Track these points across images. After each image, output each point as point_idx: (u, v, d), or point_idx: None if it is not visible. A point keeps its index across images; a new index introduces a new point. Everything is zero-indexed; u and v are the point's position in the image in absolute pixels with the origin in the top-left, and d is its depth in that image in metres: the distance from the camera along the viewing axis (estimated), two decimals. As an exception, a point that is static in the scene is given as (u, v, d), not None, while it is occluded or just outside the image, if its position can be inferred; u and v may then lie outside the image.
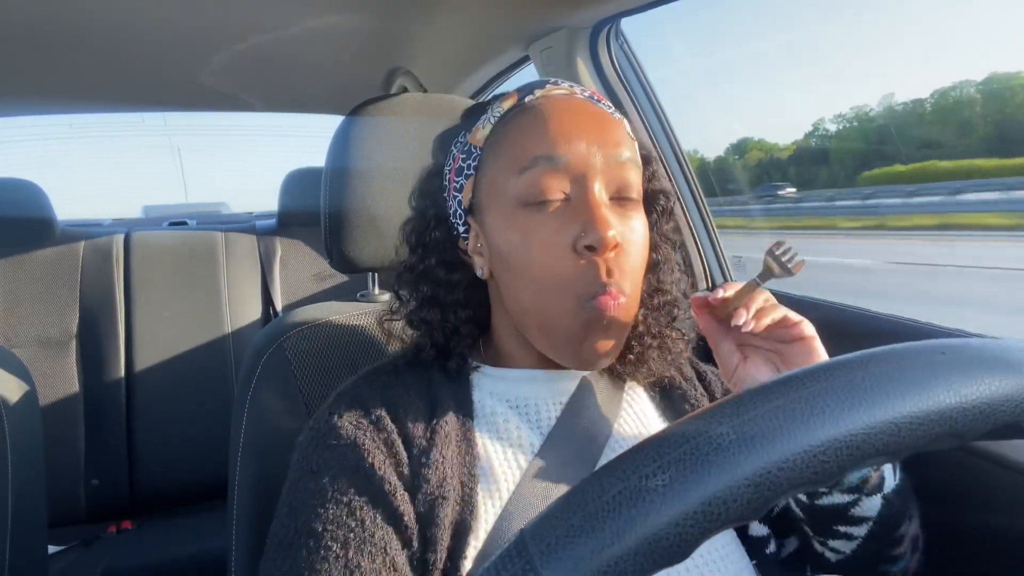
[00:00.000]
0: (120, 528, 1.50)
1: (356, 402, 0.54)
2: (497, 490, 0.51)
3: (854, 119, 5.61)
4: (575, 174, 0.51)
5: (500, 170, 0.54)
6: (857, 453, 0.25)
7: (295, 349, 0.71)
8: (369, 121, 0.76)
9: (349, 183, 0.74)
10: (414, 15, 1.17)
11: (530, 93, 0.56)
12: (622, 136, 0.54)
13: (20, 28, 1.06)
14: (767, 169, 6.17)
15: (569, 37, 1.12)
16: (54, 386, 1.50)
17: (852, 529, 0.52)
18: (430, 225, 0.59)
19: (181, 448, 1.56)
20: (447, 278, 0.58)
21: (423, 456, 0.51)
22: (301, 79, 1.56)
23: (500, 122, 0.56)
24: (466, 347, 0.59)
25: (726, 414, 0.26)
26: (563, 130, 0.52)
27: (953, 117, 4.83)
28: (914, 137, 4.85)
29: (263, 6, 1.08)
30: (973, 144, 4.52)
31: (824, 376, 0.27)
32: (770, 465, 0.24)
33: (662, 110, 1.18)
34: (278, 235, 1.79)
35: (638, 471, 0.25)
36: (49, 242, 1.60)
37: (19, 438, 0.81)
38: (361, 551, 0.45)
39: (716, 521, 0.24)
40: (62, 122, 6.01)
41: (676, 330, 0.61)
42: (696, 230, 1.17)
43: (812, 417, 0.25)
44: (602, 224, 0.49)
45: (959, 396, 0.26)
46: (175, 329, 1.62)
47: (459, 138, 0.59)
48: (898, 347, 0.28)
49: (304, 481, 0.50)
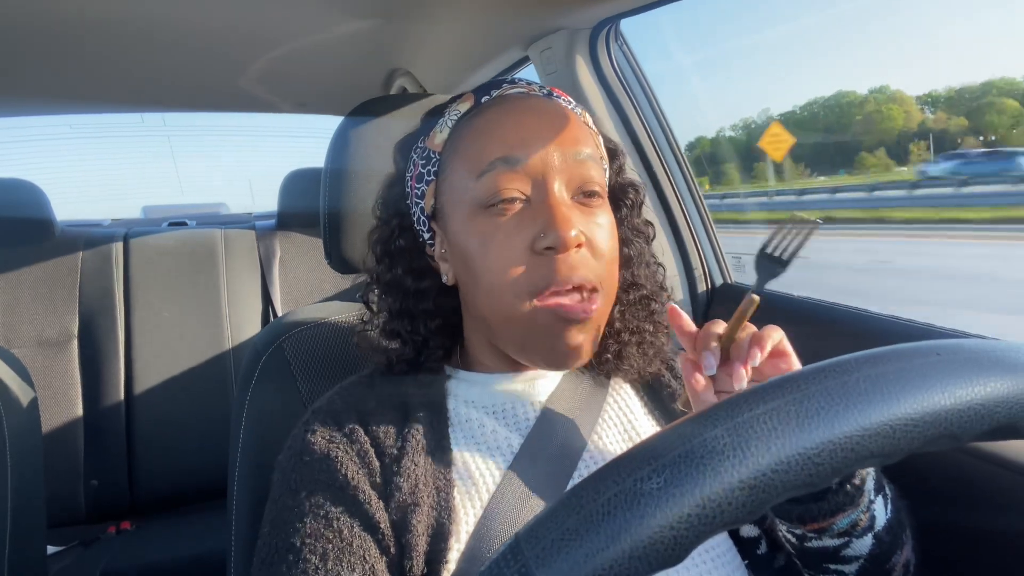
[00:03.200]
0: (119, 528, 1.49)
1: (329, 417, 0.54)
2: (476, 492, 0.51)
3: (742, 128, 6.94)
4: (534, 174, 0.51)
5: (459, 174, 0.53)
6: (852, 455, 0.25)
7: (295, 349, 0.71)
8: (369, 122, 0.76)
9: (348, 184, 0.74)
10: (414, 16, 1.17)
11: (487, 94, 0.56)
12: (581, 133, 0.54)
13: (20, 29, 1.06)
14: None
15: (569, 38, 1.12)
16: (53, 386, 1.50)
17: (844, 567, 0.51)
18: (395, 234, 0.59)
19: (181, 448, 1.56)
20: (416, 286, 0.58)
21: (394, 464, 0.51)
22: (301, 80, 1.56)
23: (457, 125, 0.55)
24: (436, 359, 0.59)
25: (720, 417, 0.26)
26: (520, 131, 0.52)
27: (802, 129, 6.52)
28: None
29: (262, 7, 1.08)
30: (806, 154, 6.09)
31: (818, 378, 0.26)
32: (765, 468, 0.24)
33: (661, 111, 1.18)
34: (278, 235, 1.79)
35: (633, 474, 0.25)
36: (48, 242, 1.60)
37: (18, 439, 0.81)
38: (340, 561, 0.46)
39: (711, 524, 0.24)
40: (62, 123, 6.00)
41: (656, 323, 0.60)
42: (695, 230, 1.17)
43: (807, 419, 0.25)
44: (562, 224, 0.49)
45: (954, 398, 0.26)
46: (175, 330, 1.62)
47: (418, 143, 0.59)
48: (893, 348, 0.28)
49: (284, 499, 0.50)
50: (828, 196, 5.81)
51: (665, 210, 1.16)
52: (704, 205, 1.18)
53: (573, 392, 0.58)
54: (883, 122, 6.26)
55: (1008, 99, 4.77)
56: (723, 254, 1.18)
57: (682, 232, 1.16)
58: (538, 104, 0.54)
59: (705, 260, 1.17)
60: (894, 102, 6.26)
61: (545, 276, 0.49)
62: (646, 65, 1.17)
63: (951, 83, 9.20)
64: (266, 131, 8.86)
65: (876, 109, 6.30)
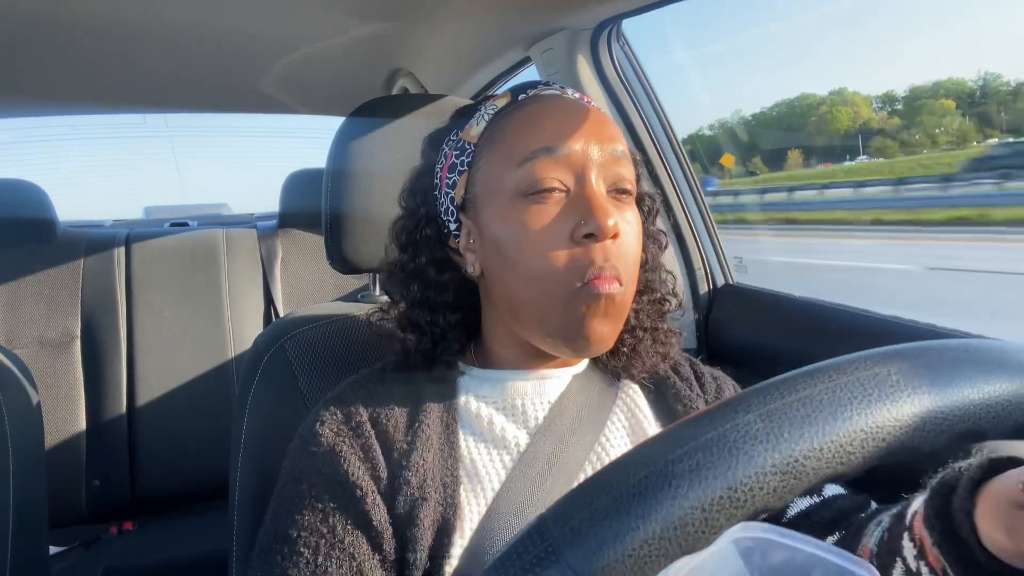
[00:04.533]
0: (121, 529, 1.50)
1: (339, 409, 0.55)
2: (482, 490, 0.52)
3: (719, 127, 7.27)
4: (574, 166, 0.52)
5: (497, 164, 0.54)
6: (883, 446, 0.25)
7: (296, 349, 0.71)
8: (370, 122, 0.76)
9: (350, 184, 0.74)
10: (416, 17, 1.17)
11: (523, 92, 0.57)
12: (615, 132, 0.56)
13: (22, 30, 1.07)
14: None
15: (570, 38, 1.12)
16: (55, 387, 1.50)
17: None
18: (420, 223, 0.60)
19: (182, 448, 1.56)
20: (437, 278, 0.59)
21: (403, 460, 0.52)
22: (303, 80, 1.56)
23: (495, 118, 0.56)
24: (452, 353, 0.59)
25: (753, 403, 0.26)
26: (561, 125, 0.53)
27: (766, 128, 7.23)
28: (742, 145, 6.43)
29: (265, 9, 1.08)
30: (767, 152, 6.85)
31: (850, 369, 0.27)
32: (797, 454, 0.24)
33: (663, 111, 1.18)
34: (279, 236, 1.79)
35: (664, 456, 0.25)
36: (50, 243, 1.60)
37: (20, 439, 0.81)
38: (329, 557, 0.47)
39: (742, 508, 0.24)
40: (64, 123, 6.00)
41: (668, 326, 0.62)
42: (697, 230, 1.17)
43: (839, 408, 0.25)
44: (602, 213, 0.50)
45: (983, 393, 0.26)
46: (176, 330, 1.62)
47: (451, 136, 0.60)
48: (924, 344, 0.28)
49: (287, 487, 0.52)
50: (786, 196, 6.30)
51: (667, 210, 1.16)
52: (706, 205, 1.18)
53: (583, 392, 0.58)
54: (832, 123, 6.77)
55: (947, 100, 5.02)
56: (725, 254, 1.18)
57: (684, 232, 1.16)
58: (573, 104, 0.56)
59: (707, 260, 1.17)
60: (845, 104, 6.80)
61: (586, 262, 0.51)
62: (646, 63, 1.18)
63: (916, 83, 9.99)
64: (268, 132, 8.86)
65: (828, 111, 6.85)
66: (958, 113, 4.89)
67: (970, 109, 4.82)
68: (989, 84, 4.77)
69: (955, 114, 4.90)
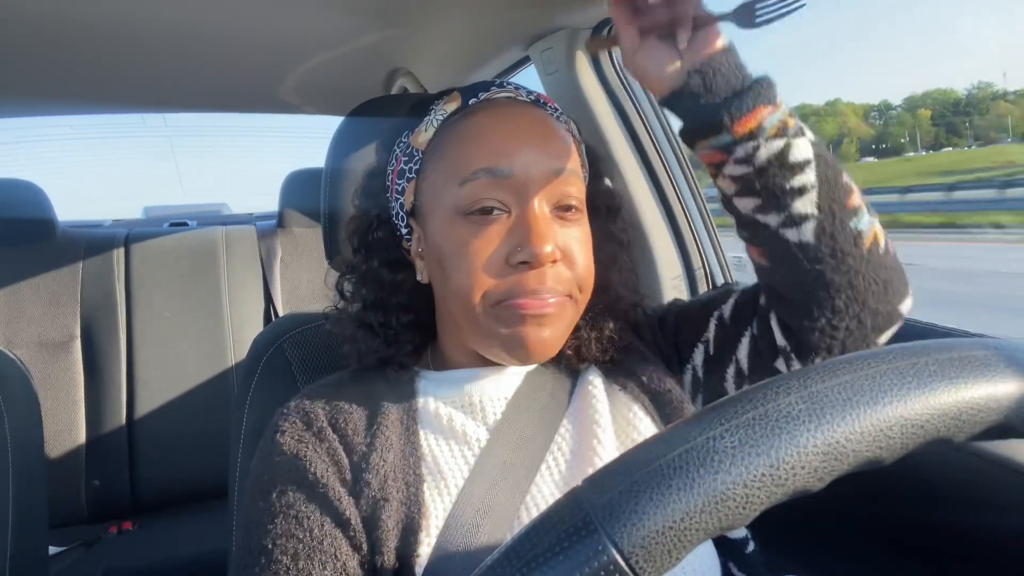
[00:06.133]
0: (121, 529, 1.50)
1: (299, 418, 0.54)
2: (446, 487, 0.51)
3: None
4: (516, 187, 0.52)
5: (441, 178, 0.54)
6: (921, 432, 0.26)
7: (295, 349, 0.71)
8: (369, 122, 0.76)
9: (349, 183, 0.74)
10: (415, 16, 1.17)
11: (474, 95, 0.56)
12: (564, 146, 0.55)
13: (22, 30, 1.06)
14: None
15: (570, 37, 1.12)
16: (55, 387, 1.50)
17: (794, 181, 0.50)
18: (372, 225, 0.60)
19: (182, 448, 1.56)
20: (391, 279, 0.58)
21: (363, 462, 0.51)
22: (302, 80, 1.56)
23: (443, 126, 0.55)
24: (406, 355, 0.59)
25: (792, 386, 0.27)
26: (505, 142, 0.52)
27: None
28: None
29: (264, 8, 1.08)
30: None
31: (889, 358, 0.28)
32: (840, 436, 0.25)
33: (663, 112, 1.18)
34: (279, 235, 1.79)
35: (705, 432, 0.25)
36: (50, 243, 1.60)
37: (20, 439, 0.81)
38: (311, 559, 0.46)
39: (783, 486, 0.24)
40: (63, 123, 6.01)
41: (622, 323, 0.61)
42: (696, 230, 1.17)
43: (880, 394, 0.26)
44: (539, 240, 0.50)
45: (1014, 387, 0.27)
46: (176, 330, 1.62)
47: (402, 138, 0.59)
48: (951, 340, 0.29)
49: (255, 500, 0.51)
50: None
51: (666, 210, 1.16)
52: (706, 205, 1.18)
53: (539, 386, 0.58)
54: (821, 131, 7.28)
55: (925, 110, 5.35)
56: (724, 254, 1.18)
57: (684, 232, 1.16)
58: (524, 112, 0.55)
59: (706, 260, 1.17)
60: (836, 114, 7.28)
61: (512, 290, 0.51)
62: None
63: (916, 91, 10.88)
64: (267, 131, 8.86)
65: (818, 120, 7.50)
66: (930, 124, 5.19)
67: (953, 118, 5.07)
68: (975, 95, 4.98)
69: (927, 124, 5.20)
